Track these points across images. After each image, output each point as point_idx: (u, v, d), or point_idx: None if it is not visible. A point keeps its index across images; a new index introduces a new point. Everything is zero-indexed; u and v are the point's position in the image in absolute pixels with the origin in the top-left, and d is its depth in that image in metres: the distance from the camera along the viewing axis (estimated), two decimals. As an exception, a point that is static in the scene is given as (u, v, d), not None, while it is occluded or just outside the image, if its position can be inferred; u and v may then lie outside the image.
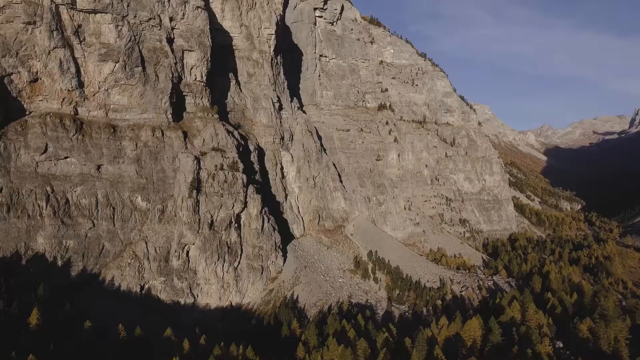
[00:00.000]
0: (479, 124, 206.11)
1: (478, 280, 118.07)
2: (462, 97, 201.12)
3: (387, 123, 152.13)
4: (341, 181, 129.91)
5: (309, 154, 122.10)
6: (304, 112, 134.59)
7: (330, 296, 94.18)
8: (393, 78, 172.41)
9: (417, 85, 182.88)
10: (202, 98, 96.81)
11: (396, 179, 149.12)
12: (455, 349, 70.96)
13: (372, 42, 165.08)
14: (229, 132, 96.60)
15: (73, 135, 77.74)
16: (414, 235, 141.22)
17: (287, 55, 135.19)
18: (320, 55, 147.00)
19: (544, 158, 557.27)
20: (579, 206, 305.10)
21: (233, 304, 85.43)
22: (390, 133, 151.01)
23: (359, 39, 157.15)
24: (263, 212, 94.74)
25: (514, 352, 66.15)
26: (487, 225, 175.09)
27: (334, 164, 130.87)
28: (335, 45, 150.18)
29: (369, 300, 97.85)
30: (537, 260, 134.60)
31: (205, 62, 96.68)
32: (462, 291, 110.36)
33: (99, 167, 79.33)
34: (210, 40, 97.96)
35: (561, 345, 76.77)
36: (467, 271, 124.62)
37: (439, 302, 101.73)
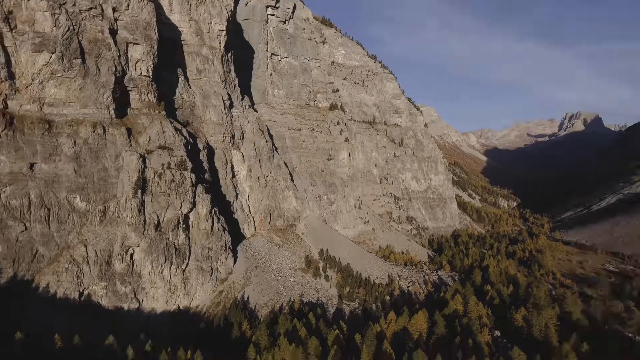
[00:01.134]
0: (426, 125, 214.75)
1: (424, 275, 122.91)
2: (409, 99, 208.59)
3: (338, 123, 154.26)
4: (293, 180, 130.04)
5: (261, 153, 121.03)
6: (256, 110, 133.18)
7: (282, 296, 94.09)
8: (344, 79, 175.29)
9: (367, 86, 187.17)
10: (148, 94, 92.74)
11: (347, 178, 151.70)
12: (402, 342, 73.60)
13: (324, 43, 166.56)
14: (176, 129, 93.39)
15: (2, 131, 71.56)
16: (364, 233, 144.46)
17: (239, 52, 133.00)
18: (272, 54, 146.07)
19: (484, 158, 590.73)
20: (515, 203, 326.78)
21: (181, 307, 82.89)
22: (342, 133, 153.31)
23: (310, 39, 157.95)
24: (212, 212, 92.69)
25: (457, 343, 69.74)
26: (432, 222, 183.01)
27: (285, 163, 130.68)
28: (287, 44, 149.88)
29: (320, 299, 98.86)
30: (478, 255, 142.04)
31: (152, 56, 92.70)
32: (409, 286, 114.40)
33: (32, 165, 73.69)
34: (157, 33, 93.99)
35: (499, 334, 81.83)
36: (414, 267, 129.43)
37: (388, 297, 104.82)
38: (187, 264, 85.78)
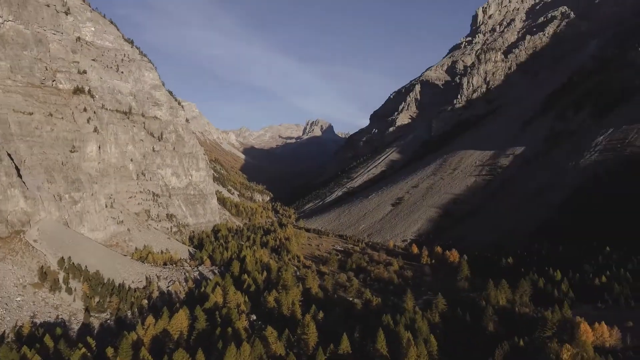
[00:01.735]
0: (187, 120, 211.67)
1: (185, 273, 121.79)
2: (170, 92, 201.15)
3: (85, 110, 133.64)
4: (20, 176, 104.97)
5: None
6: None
7: (4, 321, 75.18)
8: (94, 60, 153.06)
9: (122, 72, 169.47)
10: None
11: (96, 173, 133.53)
12: (162, 345, 71.46)
13: (67, 13, 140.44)
14: None
15: None
16: (118, 234, 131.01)
17: None
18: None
19: (243, 156, 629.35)
20: (268, 198, 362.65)
21: None
22: (90, 122, 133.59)
23: (49, 5, 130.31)
24: None
25: (217, 334, 72.88)
26: (193, 218, 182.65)
27: (9, 155, 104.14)
28: (13, 5, 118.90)
29: (61, 316, 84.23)
30: (236, 247, 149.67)
31: None
32: (169, 286, 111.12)
33: None
34: None
35: (254, 317, 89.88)
36: (174, 265, 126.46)
37: (146, 301, 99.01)
38: None
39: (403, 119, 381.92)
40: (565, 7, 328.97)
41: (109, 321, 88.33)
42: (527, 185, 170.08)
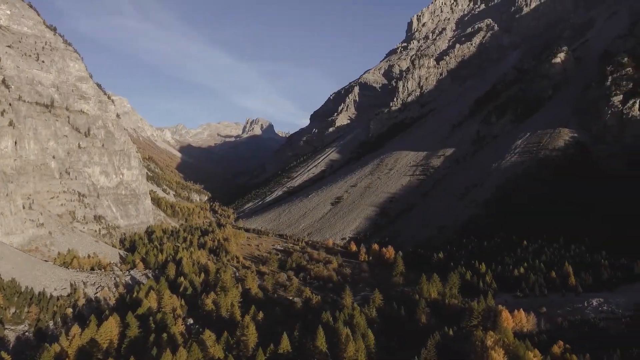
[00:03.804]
0: (118, 116, 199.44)
1: (115, 278, 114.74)
2: (99, 85, 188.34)
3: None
4: None
5: None
6: None
7: None
8: (9, 46, 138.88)
9: (43, 61, 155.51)
10: None
11: (12, 171, 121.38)
12: (90, 356, 66.94)
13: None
14: None
15: None
16: (37, 238, 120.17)
17: None
18: None
19: (179, 154, 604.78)
20: (206, 197, 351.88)
21: None
22: (4, 115, 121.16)
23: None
24: None
25: (151, 340, 69.70)
26: (124, 220, 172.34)
27: None
28: None
29: (-31, 330, 75.77)
30: (172, 249, 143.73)
31: None
32: (97, 293, 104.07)
33: None
34: None
35: (192, 321, 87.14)
36: (103, 270, 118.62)
37: (70, 310, 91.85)
38: None
39: (342, 119, 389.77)
40: (490, 19, 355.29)
41: (27, 333, 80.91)
42: (456, 184, 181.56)
